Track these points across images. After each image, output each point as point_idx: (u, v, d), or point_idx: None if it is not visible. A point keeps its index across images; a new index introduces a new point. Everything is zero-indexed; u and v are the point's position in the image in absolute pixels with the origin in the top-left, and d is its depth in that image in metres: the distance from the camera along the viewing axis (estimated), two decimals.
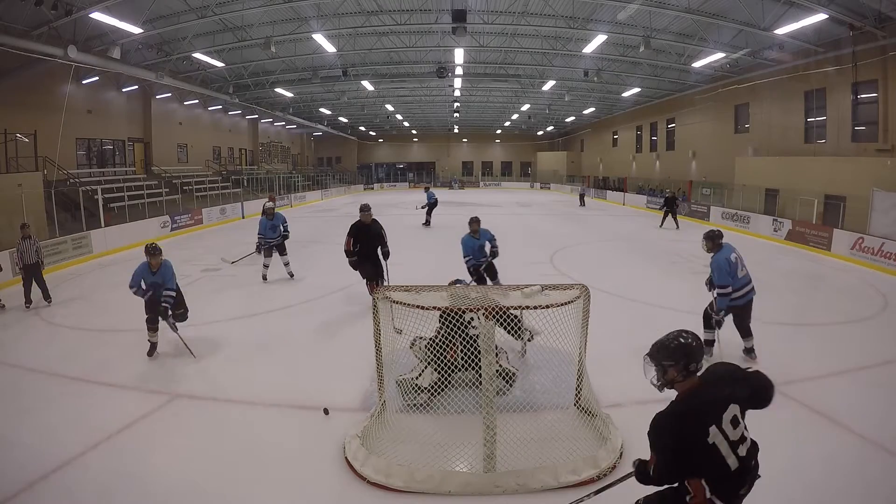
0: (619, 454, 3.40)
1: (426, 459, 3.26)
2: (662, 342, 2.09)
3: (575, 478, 3.16)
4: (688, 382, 2.03)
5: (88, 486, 3.22)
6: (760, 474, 2.07)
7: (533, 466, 3.19)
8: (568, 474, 3.17)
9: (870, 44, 12.23)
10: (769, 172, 16.40)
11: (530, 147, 44.86)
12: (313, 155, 44.32)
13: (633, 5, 12.26)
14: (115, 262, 10.97)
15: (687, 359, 2.01)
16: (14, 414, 4.19)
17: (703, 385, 2.02)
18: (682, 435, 1.94)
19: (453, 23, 13.25)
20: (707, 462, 1.92)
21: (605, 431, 3.58)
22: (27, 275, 7.48)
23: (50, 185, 12.77)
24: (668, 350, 2.04)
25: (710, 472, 1.94)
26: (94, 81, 16.96)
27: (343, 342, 5.82)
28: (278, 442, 3.73)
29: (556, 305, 3.49)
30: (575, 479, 3.16)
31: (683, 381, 2.04)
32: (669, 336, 2.09)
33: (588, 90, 23.99)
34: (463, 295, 3.88)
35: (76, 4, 10.94)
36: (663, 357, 2.05)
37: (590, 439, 3.58)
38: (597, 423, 3.71)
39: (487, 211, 22.18)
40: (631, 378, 4.69)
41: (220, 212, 18.59)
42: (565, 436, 3.57)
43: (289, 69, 19.50)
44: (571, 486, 3.12)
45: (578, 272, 9.13)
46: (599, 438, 3.56)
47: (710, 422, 1.91)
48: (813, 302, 7.77)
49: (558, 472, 3.17)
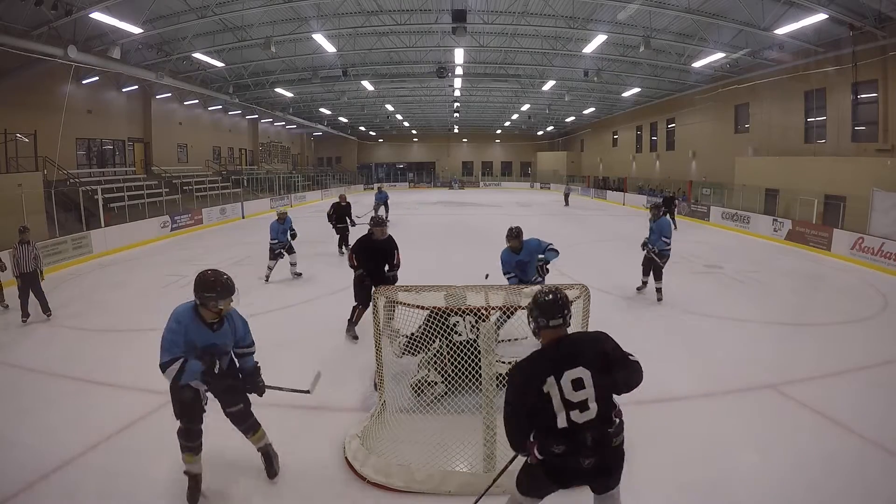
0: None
1: (426, 459, 3.26)
2: (533, 296, 2.26)
3: None
4: (549, 335, 2.18)
5: (88, 486, 3.22)
6: (620, 470, 2.18)
7: None
8: None
9: (870, 44, 12.24)
10: (769, 172, 16.41)
11: (530, 147, 44.86)
12: (313, 155, 44.32)
13: (633, 5, 12.26)
14: (115, 262, 10.97)
15: (539, 312, 2.17)
16: (14, 414, 4.18)
17: (561, 341, 2.18)
18: (523, 377, 2.13)
19: (453, 23, 13.24)
20: (538, 412, 2.08)
21: None
22: (24, 284, 6.64)
23: (50, 185, 12.76)
24: (532, 303, 2.23)
25: (539, 423, 2.10)
26: (94, 81, 16.96)
27: (343, 342, 5.82)
28: (278, 442, 3.72)
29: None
30: None
31: (542, 332, 2.19)
32: (539, 290, 2.27)
33: (588, 90, 23.99)
34: (461, 295, 3.88)
35: (76, 4, 10.94)
36: (529, 308, 2.24)
37: None
38: None
39: (487, 211, 22.19)
40: None
41: (220, 212, 18.60)
42: None
43: (289, 69, 19.50)
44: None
45: (578, 272, 9.12)
46: None
47: (550, 372, 2.07)
48: (813, 302, 7.77)
49: None
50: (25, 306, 6.65)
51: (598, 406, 2.09)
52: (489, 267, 5.56)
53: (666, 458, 3.49)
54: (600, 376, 2.10)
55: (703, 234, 15.25)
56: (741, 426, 3.89)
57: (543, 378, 2.07)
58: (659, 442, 3.65)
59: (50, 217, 11.86)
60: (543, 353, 2.17)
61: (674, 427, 3.88)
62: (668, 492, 3.14)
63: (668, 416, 4.05)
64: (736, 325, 6.35)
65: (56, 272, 9.89)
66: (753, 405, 4.23)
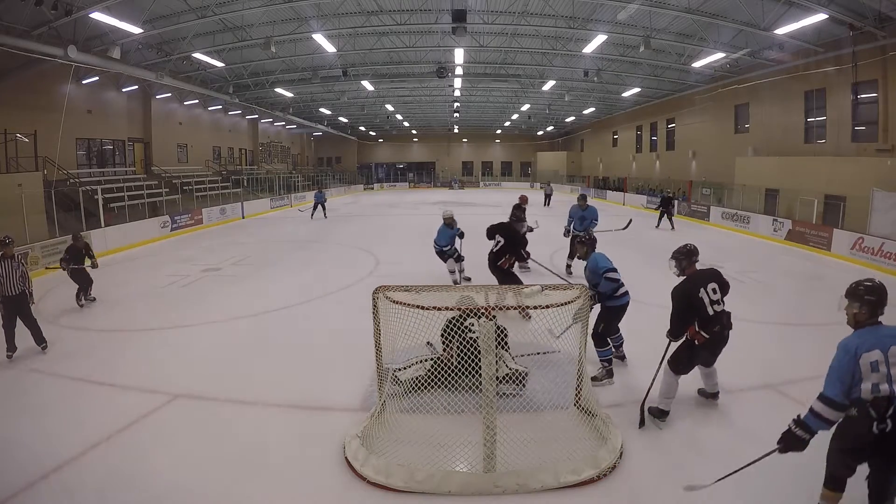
0: (619, 454, 3.40)
1: (426, 459, 3.26)
2: (679, 250, 4.01)
3: (575, 478, 3.16)
4: (690, 269, 3.95)
5: (88, 486, 3.22)
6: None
7: (533, 466, 3.19)
8: (568, 474, 3.17)
9: (870, 44, 12.23)
10: (769, 172, 16.40)
11: (530, 147, 44.87)
12: (313, 155, 44.32)
13: (633, 5, 12.26)
14: (115, 262, 10.97)
15: (686, 257, 3.97)
16: (14, 414, 4.19)
17: (697, 271, 3.94)
18: (686, 292, 3.77)
19: (453, 23, 13.23)
20: (697, 309, 3.72)
21: (605, 431, 3.59)
22: (9, 311, 5.25)
23: (50, 185, 12.76)
24: (682, 253, 3.99)
25: (699, 315, 3.73)
26: (94, 81, 16.95)
27: (343, 342, 5.82)
28: (278, 442, 3.73)
29: (555, 306, 3.49)
30: (575, 479, 3.15)
31: (688, 268, 3.95)
32: (682, 247, 4.04)
33: (588, 90, 23.98)
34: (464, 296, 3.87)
35: (76, 4, 10.94)
36: (680, 257, 3.99)
37: (590, 439, 3.58)
38: (597, 423, 3.71)
39: (487, 211, 22.16)
40: (630, 378, 4.70)
41: (220, 212, 18.61)
42: (565, 436, 3.57)
43: (289, 69, 19.49)
44: (572, 486, 3.13)
45: (578, 272, 9.12)
46: (599, 438, 3.57)
47: (700, 286, 3.78)
48: (813, 302, 7.77)
49: (559, 472, 3.16)
50: (12, 338, 5.33)
51: (723, 302, 3.83)
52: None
53: (666, 458, 3.49)
54: (721, 287, 3.84)
55: (703, 234, 15.24)
56: (741, 426, 3.89)
57: (699, 290, 3.75)
58: (659, 442, 3.65)
59: (50, 217, 11.85)
60: (692, 277, 3.87)
61: (673, 427, 3.88)
62: (668, 492, 3.14)
63: (668, 416, 4.05)
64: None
65: (56, 272, 9.87)
66: (753, 405, 4.23)
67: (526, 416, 3.79)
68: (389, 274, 9.08)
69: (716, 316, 3.72)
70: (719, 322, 3.73)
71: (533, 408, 3.97)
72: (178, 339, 6.02)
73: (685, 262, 3.93)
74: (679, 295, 3.75)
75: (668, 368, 3.88)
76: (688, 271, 3.92)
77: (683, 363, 3.85)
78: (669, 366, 3.87)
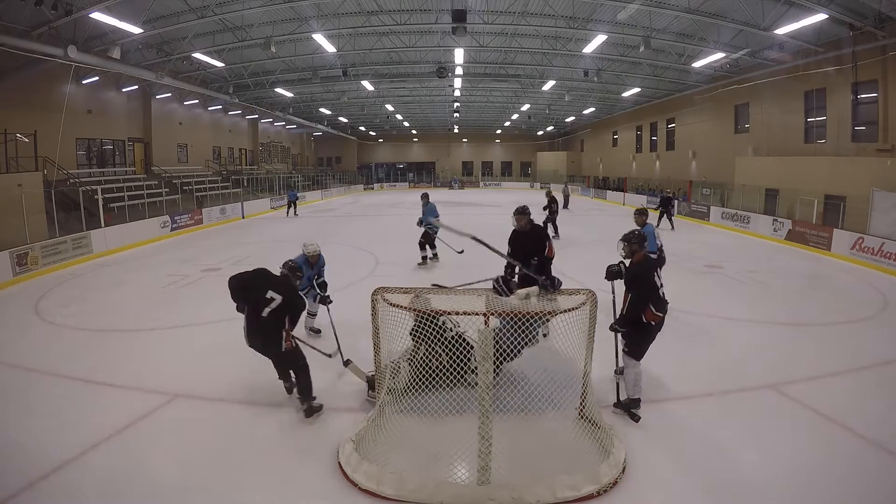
0: (622, 469, 3.25)
1: (419, 468, 3.18)
2: (632, 233, 4.13)
3: (573, 493, 3.02)
4: (638, 254, 4.07)
5: (88, 486, 3.22)
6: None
7: (530, 479, 3.07)
8: (566, 489, 3.03)
9: (870, 44, 12.23)
10: (769, 172, 16.40)
11: (530, 147, 44.85)
12: (313, 155, 44.31)
13: (633, 5, 12.25)
14: (115, 262, 10.98)
15: (641, 241, 4.11)
16: (14, 414, 4.19)
17: (646, 255, 4.15)
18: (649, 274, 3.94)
19: (453, 23, 13.24)
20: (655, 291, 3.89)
21: (608, 444, 3.43)
22: None
23: (50, 185, 12.75)
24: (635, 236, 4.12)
25: (652, 298, 3.86)
26: (94, 81, 16.96)
27: (343, 342, 5.81)
28: (277, 443, 3.74)
29: (559, 312, 3.43)
30: (573, 494, 3.02)
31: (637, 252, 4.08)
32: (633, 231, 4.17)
33: (588, 90, 23.98)
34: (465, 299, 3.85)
35: (76, 4, 10.94)
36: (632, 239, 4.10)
37: (591, 452, 3.43)
38: (600, 435, 3.54)
39: (487, 211, 22.16)
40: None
41: (220, 212, 18.60)
42: (566, 447, 3.45)
43: (289, 69, 19.49)
44: (570, 502, 3.02)
45: (578, 272, 9.13)
46: (602, 452, 3.41)
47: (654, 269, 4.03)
48: (813, 302, 7.77)
49: (556, 487, 3.03)
50: None
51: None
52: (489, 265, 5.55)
53: (666, 457, 3.49)
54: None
55: (703, 234, 15.25)
56: (741, 426, 3.89)
57: (653, 271, 3.98)
58: (659, 442, 3.65)
59: (50, 217, 11.85)
60: (648, 261, 4.13)
61: (674, 427, 3.88)
62: (668, 492, 3.14)
63: (668, 416, 4.05)
64: (736, 325, 6.35)
65: (56, 272, 9.90)
66: (753, 405, 4.23)
67: (525, 425, 3.69)
68: (389, 274, 9.07)
69: (664, 299, 3.98)
70: (666, 304, 4.02)
71: (532, 411, 3.87)
72: (178, 339, 6.02)
73: (636, 246, 4.06)
74: (644, 276, 3.89)
75: (630, 359, 3.99)
76: (637, 255, 4.07)
77: (644, 348, 3.99)
78: (631, 356, 3.98)
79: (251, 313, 3.94)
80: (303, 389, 4.06)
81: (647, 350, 4.01)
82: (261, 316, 3.87)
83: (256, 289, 3.99)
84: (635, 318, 3.87)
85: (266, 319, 3.87)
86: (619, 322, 3.97)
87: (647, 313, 3.83)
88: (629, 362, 3.99)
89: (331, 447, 3.58)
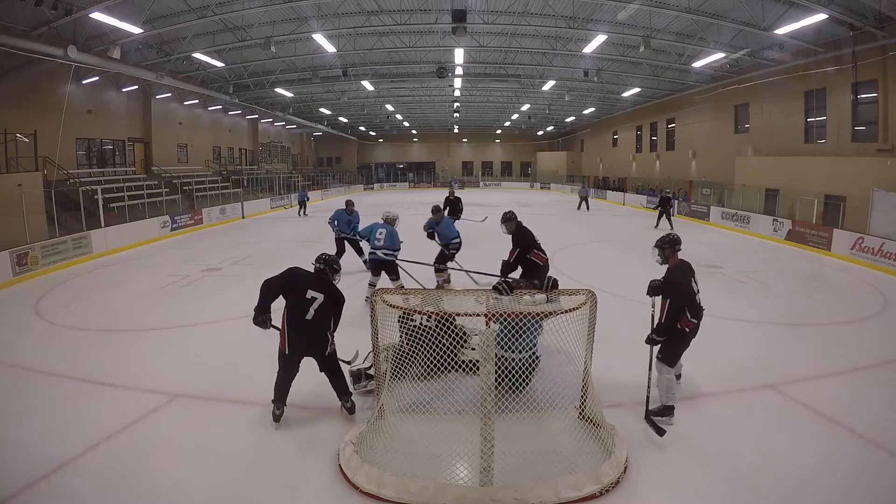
0: (624, 468, 3.26)
1: (421, 470, 3.17)
2: (663, 239, 4.05)
3: (576, 493, 3.03)
4: (674, 258, 4.02)
5: (88, 486, 3.21)
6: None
7: (532, 480, 3.07)
8: (569, 489, 3.03)
9: (870, 44, 12.24)
10: (769, 172, 16.40)
11: (530, 147, 44.86)
12: (313, 155, 44.33)
13: (633, 5, 12.26)
14: (115, 262, 10.97)
15: (674, 245, 4.03)
16: (14, 414, 4.18)
17: (682, 260, 4.02)
18: (686, 280, 3.85)
19: (453, 23, 13.24)
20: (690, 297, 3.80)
21: (609, 444, 3.43)
22: None
23: (50, 185, 12.76)
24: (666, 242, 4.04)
25: (689, 303, 3.78)
26: (94, 81, 16.96)
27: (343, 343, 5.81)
28: (277, 443, 3.73)
29: (559, 313, 3.42)
30: (576, 494, 3.03)
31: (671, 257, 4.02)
32: (665, 236, 4.08)
33: (588, 90, 23.98)
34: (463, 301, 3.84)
35: (76, 4, 10.94)
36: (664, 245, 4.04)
37: (593, 452, 3.43)
38: (601, 435, 3.54)
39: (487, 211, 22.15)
40: (631, 378, 4.69)
41: (220, 212, 18.60)
42: (567, 448, 3.44)
43: (289, 69, 19.49)
44: (572, 501, 3.01)
45: (578, 272, 9.14)
46: (604, 452, 3.42)
47: (691, 274, 3.91)
48: (813, 302, 7.77)
49: (559, 487, 3.03)
50: None
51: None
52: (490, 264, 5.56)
53: (666, 457, 3.49)
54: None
55: (703, 234, 15.24)
56: (741, 426, 3.89)
57: (691, 277, 3.89)
58: (660, 441, 3.64)
59: (50, 217, 11.85)
60: (685, 266, 3.96)
61: (674, 427, 3.88)
62: (668, 492, 3.14)
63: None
64: (736, 325, 6.34)
65: (56, 272, 9.89)
66: (753, 405, 4.23)
67: (527, 426, 3.66)
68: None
69: (700, 305, 3.85)
70: (701, 311, 3.86)
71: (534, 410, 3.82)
72: (178, 339, 6.01)
73: (668, 250, 3.97)
74: (682, 282, 3.79)
75: (663, 365, 3.91)
76: (672, 260, 3.97)
77: (677, 355, 3.94)
78: (664, 362, 3.91)
79: (291, 315, 3.78)
80: (343, 390, 4.02)
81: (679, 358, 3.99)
82: (304, 318, 3.74)
83: (295, 289, 3.84)
84: (672, 326, 3.79)
85: (311, 321, 3.75)
86: (655, 331, 3.86)
87: (682, 320, 3.77)
88: (662, 368, 3.90)
89: (331, 449, 3.57)
